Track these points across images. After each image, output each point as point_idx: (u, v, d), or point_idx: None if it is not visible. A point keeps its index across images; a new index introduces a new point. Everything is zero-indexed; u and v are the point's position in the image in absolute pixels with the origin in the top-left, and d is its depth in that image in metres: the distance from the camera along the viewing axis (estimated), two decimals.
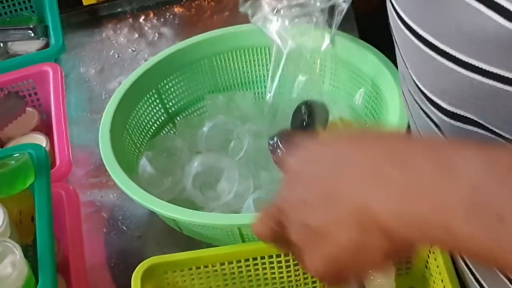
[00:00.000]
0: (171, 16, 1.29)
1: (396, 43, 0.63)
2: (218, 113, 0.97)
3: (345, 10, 0.85)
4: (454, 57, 0.53)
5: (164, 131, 1.01)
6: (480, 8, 0.48)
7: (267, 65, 1.01)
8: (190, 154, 0.95)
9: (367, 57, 0.93)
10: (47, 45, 1.19)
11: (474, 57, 0.51)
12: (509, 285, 0.61)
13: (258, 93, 1.04)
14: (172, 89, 1.01)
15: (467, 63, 0.52)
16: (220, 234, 0.83)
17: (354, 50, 0.95)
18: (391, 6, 0.60)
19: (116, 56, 1.23)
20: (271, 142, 0.85)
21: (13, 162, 0.85)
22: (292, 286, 0.80)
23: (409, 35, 0.57)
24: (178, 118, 1.02)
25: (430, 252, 0.76)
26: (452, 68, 0.53)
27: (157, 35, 1.26)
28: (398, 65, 0.66)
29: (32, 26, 1.20)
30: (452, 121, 0.56)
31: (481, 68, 0.51)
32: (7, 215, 0.81)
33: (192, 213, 0.79)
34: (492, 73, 0.50)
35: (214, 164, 0.89)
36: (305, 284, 0.80)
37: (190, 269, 0.77)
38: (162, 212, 0.80)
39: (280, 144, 0.85)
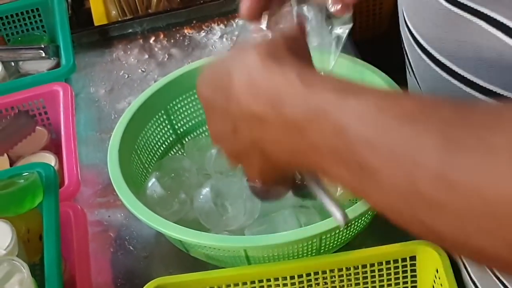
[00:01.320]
0: (181, 38, 1.30)
1: (411, 67, 0.64)
2: None
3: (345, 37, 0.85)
4: (472, 82, 0.53)
5: (172, 152, 1.01)
6: (498, 35, 0.49)
7: None
8: (198, 176, 0.95)
9: (373, 80, 0.93)
10: (58, 65, 1.20)
11: (492, 83, 0.52)
12: None
13: None
14: (181, 110, 1.02)
15: (485, 88, 0.53)
16: (226, 255, 0.83)
17: (359, 71, 0.95)
18: (407, 31, 0.60)
19: (126, 76, 1.24)
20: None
21: (22, 180, 0.85)
22: None
23: (426, 59, 0.58)
24: (186, 139, 1.03)
25: (436, 277, 0.76)
26: (469, 93, 0.54)
27: (167, 56, 1.27)
28: (410, 89, 0.66)
29: (43, 46, 1.21)
30: None
31: (499, 94, 0.51)
32: (15, 234, 0.81)
33: (199, 234, 0.79)
34: (510, 98, 0.51)
35: (223, 190, 0.89)
36: None
37: None
38: (169, 233, 0.81)
39: None
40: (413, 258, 0.78)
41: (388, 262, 0.78)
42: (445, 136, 0.39)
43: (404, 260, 0.78)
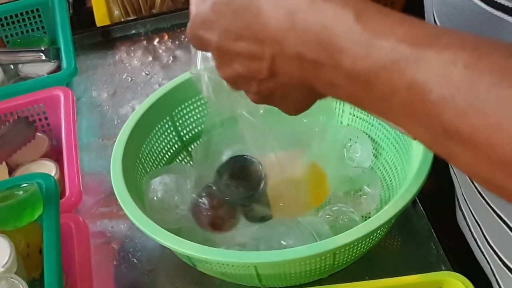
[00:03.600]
0: (186, 39, 1.26)
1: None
2: (236, 140, 0.94)
3: None
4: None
5: (177, 160, 0.98)
6: None
7: None
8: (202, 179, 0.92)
9: None
10: (58, 68, 1.16)
11: None
12: None
13: None
14: (187, 117, 0.98)
15: None
16: (236, 271, 0.79)
17: None
18: None
19: (129, 79, 1.20)
20: (196, 200, 0.84)
21: (21, 192, 0.82)
22: None
23: None
24: (192, 146, 0.99)
25: None
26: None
27: (171, 58, 1.23)
28: None
29: (43, 48, 1.18)
30: None
31: None
32: (14, 250, 0.78)
33: (207, 250, 0.76)
34: None
35: None
36: None
37: None
38: (176, 248, 0.77)
39: (206, 202, 0.84)
40: None
41: None
42: None
43: None
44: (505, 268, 0.66)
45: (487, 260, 0.71)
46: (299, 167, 0.83)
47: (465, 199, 0.70)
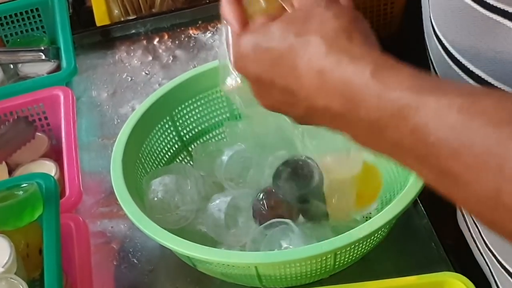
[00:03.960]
0: (186, 39, 1.26)
1: (435, 71, 0.60)
2: (237, 140, 0.94)
3: None
4: (496, 87, 0.50)
5: (178, 160, 0.97)
6: None
7: None
8: (204, 184, 0.91)
9: None
10: (58, 67, 1.16)
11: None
12: None
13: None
14: (187, 116, 0.98)
15: None
16: (236, 272, 0.79)
17: None
18: (436, 40, 0.57)
19: (129, 79, 1.20)
20: (256, 201, 0.85)
21: (21, 192, 0.82)
22: None
23: (458, 71, 0.55)
24: (192, 146, 0.99)
25: None
26: None
27: (171, 58, 1.23)
28: None
29: (43, 48, 1.18)
30: None
31: None
32: (13, 250, 0.78)
33: (207, 250, 0.76)
34: None
35: (239, 203, 0.86)
36: None
37: None
38: (176, 248, 0.77)
39: (265, 203, 0.84)
40: None
41: None
42: None
43: None
44: (503, 271, 0.66)
45: (486, 262, 0.71)
46: (352, 165, 0.84)
47: None
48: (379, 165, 0.87)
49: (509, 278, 0.65)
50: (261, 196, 0.84)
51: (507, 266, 0.65)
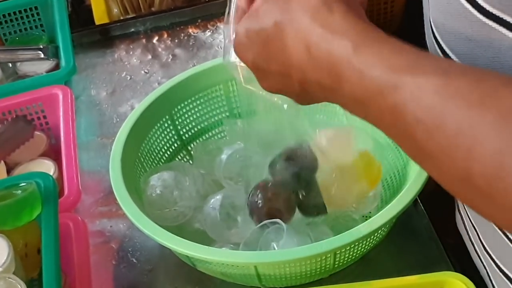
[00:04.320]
0: (185, 37, 1.26)
1: None
2: (236, 138, 0.94)
3: None
4: None
5: (177, 159, 0.97)
6: None
7: None
8: (204, 182, 0.91)
9: None
10: (57, 66, 1.16)
11: None
12: None
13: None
14: (186, 115, 0.97)
15: None
16: (236, 271, 0.78)
17: None
18: (435, 43, 0.57)
19: (129, 78, 1.20)
20: (251, 197, 0.84)
21: (19, 191, 0.82)
22: None
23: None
24: (192, 145, 0.98)
25: None
26: None
27: (171, 57, 1.22)
28: None
29: (42, 47, 1.17)
30: None
31: None
32: (12, 249, 0.78)
33: (207, 250, 0.75)
34: None
35: (237, 201, 0.85)
36: None
37: None
38: (175, 247, 0.76)
39: (261, 197, 0.83)
40: None
41: None
42: (504, 126, 0.40)
43: None
44: (501, 274, 0.66)
45: (483, 265, 0.70)
46: (348, 149, 0.84)
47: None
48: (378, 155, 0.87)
49: (506, 281, 0.65)
50: (255, 191, 0.83)
51: (505, 270, 0.65)
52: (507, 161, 0.39)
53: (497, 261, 0.66)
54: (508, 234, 0.60)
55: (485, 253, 0.68)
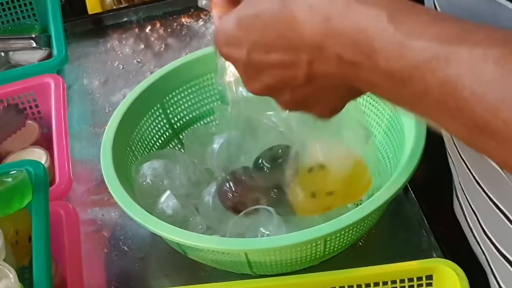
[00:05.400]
0: (178, 27, 1.26)
1: None
2: (227, 125, 0.94)
3: None
4: None
5: (169, 147, 0.97)
6: None
7: None
8: (195, 171, 0.91)
9: None
10: (49, 55, 1.15)
11: None
12: None
13: None
14: (178, 104, 0.97)
15: None
16: (226, 258, 0.79)
17: None
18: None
19: (121, 67, 1.19)
20: (223, 186, 0.83)
21: (10, 179, 0.81)
22: None
23: None
24: (183, 133, 0.98)
25: None
26: None
27: (163, 46, 1.22)
28: None
29: (34, 36, 1.17)
30: None
31: None
32: (2, 236, 0.77)
33: (197, 237, 0.76)
34: None
35: None
36: None
37: None
38: (166, 235, 0.76)
39: (232, 187, 0.83)
40: (429, 277, 0.74)
41: (402, 281, 0.73)
42: None
43: (420, 279, 0.74)
44: (501, 258, 0.65)
45: (482, 250, 0.70)
46: (338, 157, 0.81)
47: (462, 188, 0.69)
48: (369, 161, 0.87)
49: (508, 265, 0.65)
50: (230, 177, 0.83)
51: (505, 253, 0.64)
52: None
53: (498, 245, 0.65)
54: (509, 216, 0.60)
55: (485, 237, 0.67)
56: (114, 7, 1.33)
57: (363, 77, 0.46)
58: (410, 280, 0.74)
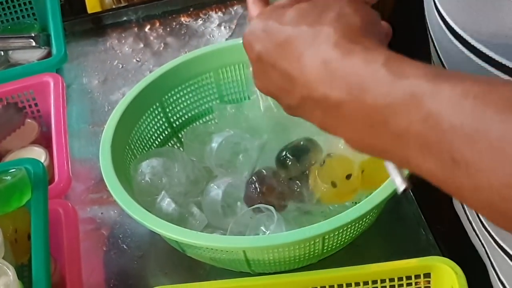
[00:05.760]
0: (177, 26, 1.26)
1: (438, 56, 0.60)
2: (226, 124, 0.94)
3: None
4: (498, 62, 0.50)
5: (167, 146, 0.97)
6: None
7: None
8: (194, 169, 0.91)
9: None
10: (49, 54, 1.16)
11: None
12: None
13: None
14: (177, 102, 0.97)
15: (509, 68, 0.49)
16: (225, 256, 0.79)
17: None
18: (437, 15, 0.56)
19: (120, 66, 1.20)
20: (249, 184, 0.85)
21: (9, 177, 0.81)
22: None
23: (459, 46, 0.55)
24: (182, 132, 0.98)
25: None
26: (495, 74, 0.50)
27: (162, 45, 1.22)
28: None
29: (34, 35, 1.17)
30: None
31: None
32: (1, 234, 0.77)
33: (196, 235, 0.76)
34: None
35: (235, 192, 0.86)
36: None
37: None
38: (165, 233, 0.77)
39: (257, 185, 0.84)
40: (427, 275, 0.74)
41: (400, 279, 0.74)
42: None
43: (417, 277, 0.74)
44: (500, 251, 0.66)
45: (482, 244, 0.71)
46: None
47: None
48: None
49: (506, 258, 0.65)
50: (254, 179, 0.85)
51: (504, 246, 0.65)
52: None
53: (497, 238, 0.66)
54: None
55: (483, 230, 0.68)
56: (114, 6, 1.33)
57: (342, 121, 0.48)
58: (408, 278, 0.74)
